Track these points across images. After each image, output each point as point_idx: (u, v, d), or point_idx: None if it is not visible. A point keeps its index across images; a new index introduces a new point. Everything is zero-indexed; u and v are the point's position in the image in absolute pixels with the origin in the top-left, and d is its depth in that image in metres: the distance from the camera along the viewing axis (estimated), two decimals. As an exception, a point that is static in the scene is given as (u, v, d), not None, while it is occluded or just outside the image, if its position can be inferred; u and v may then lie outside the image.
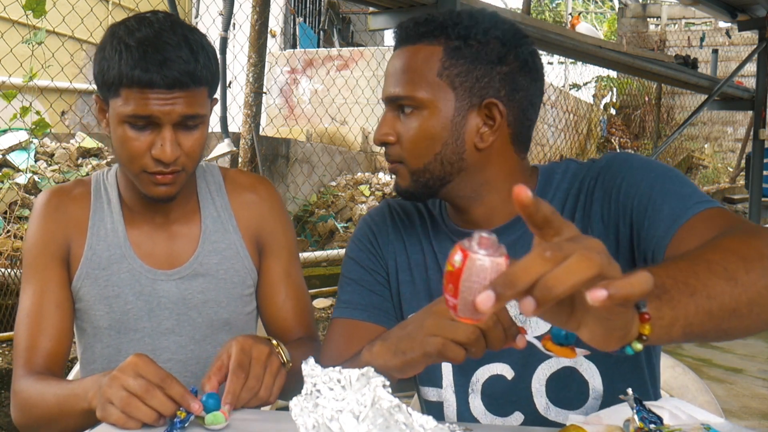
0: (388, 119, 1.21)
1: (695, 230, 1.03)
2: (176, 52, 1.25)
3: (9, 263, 3.52)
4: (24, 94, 4.41)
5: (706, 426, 0.93)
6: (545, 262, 0.64)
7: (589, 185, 1.20)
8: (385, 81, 1.22)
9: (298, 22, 10.52)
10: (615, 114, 13.08)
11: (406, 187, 1.22)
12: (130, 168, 1.32)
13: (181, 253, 1.43)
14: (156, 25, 1.27)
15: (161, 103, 1.25)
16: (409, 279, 1.29)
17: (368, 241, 1.33)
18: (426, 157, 1.19)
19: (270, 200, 1.51)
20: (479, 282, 0.67)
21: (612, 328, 0.71)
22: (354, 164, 7.95)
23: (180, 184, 1.34)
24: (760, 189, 6.69)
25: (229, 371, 1.13)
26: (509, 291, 0.64)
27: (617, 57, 5.42)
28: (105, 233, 1.42)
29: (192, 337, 1.43)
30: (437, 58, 1.17)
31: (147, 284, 1.40)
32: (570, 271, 0.63)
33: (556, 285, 0.63)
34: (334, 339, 1.28)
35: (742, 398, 3.96)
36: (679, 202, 1.08)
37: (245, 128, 4.62)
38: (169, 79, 1.24)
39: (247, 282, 1.47)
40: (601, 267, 0.64)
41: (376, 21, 3.79)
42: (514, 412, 1.21)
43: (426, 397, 1.28)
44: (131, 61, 1.24)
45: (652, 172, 1.14)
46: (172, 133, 1.27)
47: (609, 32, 14.83)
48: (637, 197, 1.12)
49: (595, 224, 1.18)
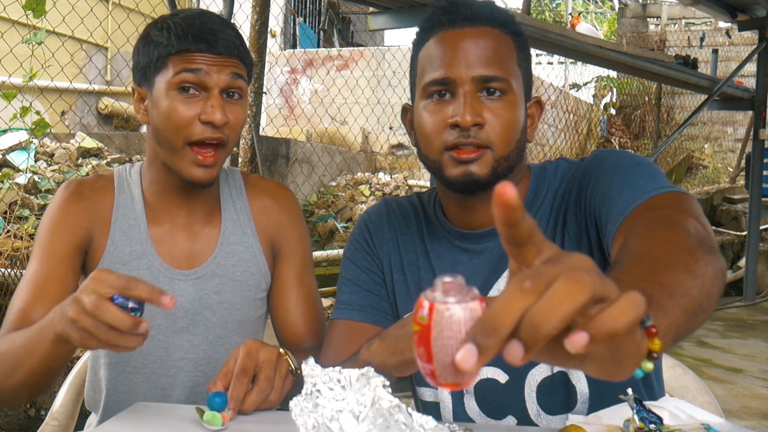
0: (473, 100, 1.13)
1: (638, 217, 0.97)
2: (223, 29, 1.33)
3: (9, 263, 3.51)
4: (24, 94, 4.41)
5: (706, 426, 0.93)
6: (526, 295, 0.52)
7: (573, 185, 1.19)
8: (458, 60, 1.13)
9: (298, 22, 10.52)
10: (615, 114, 13.06)
11: (483, 176, 1.14)
12: (174, 141, 1.32)
13: (200, 253, 1.44)
14: (197, 10, 1.36)
15: (211, 69, 1.30)
16: (402, 278, 1.29)
17: (364, 240, 1.33)
18: (512, 144, 1.16)
19: (288, 207, 1.52)
20: (454, 337, 0.54)
21: (623, 356, 0.58)
22: (354, 164, 7.95)
23: (219, 166, 1.36)
24: (760, 189, 6.68)
25: (233, 377, 1.12)
26: (492, 339, 0.52)
27: (617, 57, 5.42)
28: (128, 228, 1.42)
29: (205, 337, 1.43)
30: (513, 47, 1.17)
31: (165, 282, 1.41)
32: (557, 301, 0.51)
33: (544, 321, 0.51)
34: (334, 340, 1.28)
35: (742, 398, 3.96)
36: (631, 193, 1.02)
37: (245, 128, 4.62)
38: (219, 46, 1.30)
39: (261, 285, 1.48)
40: (593, 288, 0.52)
41: (376, 21, 3.79)
42: (507, 416, 1.21)
43: (422, 398, 1.28)
44: (180, 32, 1.30)
45: (618, 168, 1.10)
46: (220, 99, 1.31)
47: (609, 32, 14.82)
48: (599, 194, 1.09)
49: (570, 225, 1.17)
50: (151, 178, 1.44)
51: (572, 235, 1.16)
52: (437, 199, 1.31)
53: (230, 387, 1.11)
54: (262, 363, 1.14)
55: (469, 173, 1.14)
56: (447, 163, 1.15)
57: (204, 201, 1.45)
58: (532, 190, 1.23)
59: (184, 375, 1.41)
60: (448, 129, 1.14)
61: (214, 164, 1.34)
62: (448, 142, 1.14)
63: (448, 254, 1.26)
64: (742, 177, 9.54)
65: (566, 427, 0.96)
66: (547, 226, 1.20)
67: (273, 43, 9.20)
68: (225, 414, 1.06)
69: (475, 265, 1.23)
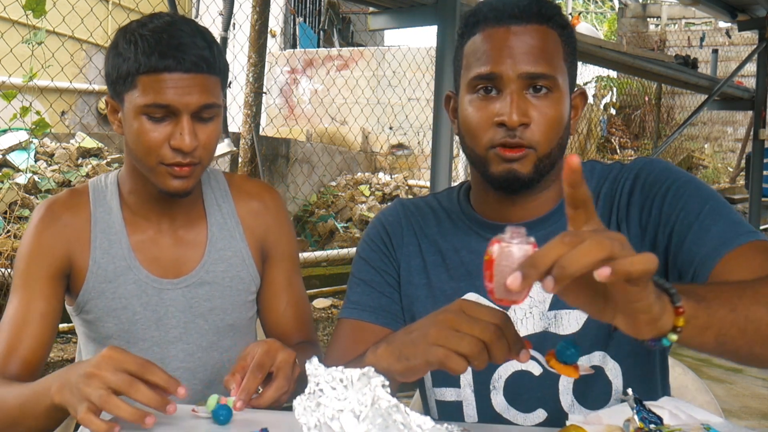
0: (520, 99, 1.13)
1: (742, 259, 1.05)
2: (191, 39, 1.26)
3: (9, 263, 3.51)
4: (24, 94, 4.41)
5: (706, 426, 0.94)
6: (563, 246, 0.72)
7: (624, 187, 1.20)
8: (505, 57, 1.13)
9: (298, 22, 10.52)
10: (615, 114, 13.06)
11: (525, 174, 1.15)
12: (146, 161, 1.30)
13: (187, 260, 1.42)
14: (167, 17, 1.30)
15: (180, 91, 1.25)
16: (424, 282, 1.27)
17: (381, 241, 1.31)
18: (554, 141, 1.16)
19: (275, 209, 1.51)
20: (509, 266, 0.77)
21: (637, 312, 0.77)
22: (354, 164, 7.95)
23: (196, 178, 1.33)
24: (760, 189, 6.68)
25: (248, 370, 1.13)
26: (533, 271, 0.73)
27: (617, 57, 5.42)
28: (108, 245, 1.40)
29: (199, 344, 1.43)
30: (559, 42, 1.17)
31: (154, 294, 1.40)
32: (582, 253, 0.71)
33: (570, 265, 0.71)
34: (341, 339, 1.27)
35: (742, 398, 3.96)
36: (729, 228, 1.09)
37: (245, 128, 4.62)
38: (187, 63, 1.24)
39: (251, 289, 1.47)
40: (611, 250, 0.71)
41: (376, 21, 3.79)
42: (537, 409, 1.21)
43: (442, 398, 1.26)
44: (147, 49, 1.24)
45: (701, 190, 1.15)
46: (191, 122, 1.27)
47: (609, 32, 14.82)
48: (684, 211, 1.13)
49: (632, 228, 1.18)
50: (130, 187, 1.41)
51: (633, 236, 1.17)
52: (462, 195, 1.30)
53: (244, 379, 1.12)
54: (281, 363, 1.15)
55: (512, 171, 1.15)
56: (492, 159, 1.16)
57: (187, 205, 1.42)
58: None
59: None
60: (494, 127, 1.14)
61: (189, 175, 1.31)
62: (494, 140, 1.15)
63: (481, 248, 1.22)
64: (742, 177, 9.55)
65: (566, 427, 0.96)
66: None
67: (273, 43, 9.20)
68: (237, 406, 1.09)
69: None
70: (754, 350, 0.86)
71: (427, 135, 8.05)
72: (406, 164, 8.24)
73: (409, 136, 8.38)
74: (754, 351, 0.87)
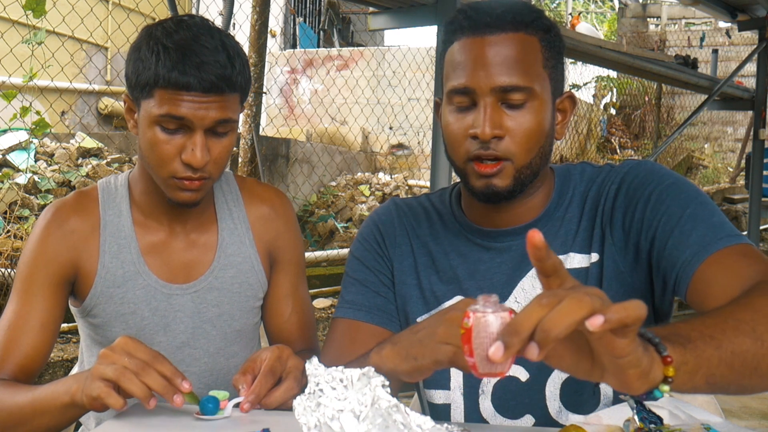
0: (494, 112, 1.12)
1: (723, 263, 1.04)
2: (214, 56, 1.24)
3: (9, 263, 3.52)
4: (24, 94, 4.41)
5: (706, 426, 0.94)
6: (542, 308, 0.69)
7: (609, 191, 1.20)
8: (478, 70, 1.12)
9: (298, 22, 10.52)
10: (615, 114, 13.07)
11: (505, 187, 1.15)
12: (157, 172, 1.30)
13: (196, 264, 1.42)
14: (194, 28, 1.26)
15: (196, 106, 1.24)
16: (414, 282, 1.27)
17: (375, 241, 1.31)
18: (533, 151, 1.15)
19: (285, 215, 1.50)
20: (489, 337, 0.73)
21: (626, 367, 0.73)
22: (354, 164, 7.95)
23: (205, 191, 1.32)
24: (760, 189, 6.68)
25: (259, 373, 1.15)
26: (515, 339, 0.69)
27: (617, 57, 5.41)
28: (117, 249, 1.38)
29: (206, 350, 1.43)
30: (538, 48, 1.15)
31: (162, 299, 1.39)
32: (564, 313, 0.68)
33: (553, 327, 0.68)
34: (336, 339, 1.27)
35: (742, 398, 3.96)
36: (709, 231, 1.08)
37: (245, 128, 4.61)
38: (206, 82, 1.22)
39: (258, 295, 1.47)
40: (591, 306, 0.68)
41: (376, 21, 3.79)
42: (524, 415, 1.21)
43: (432, 400, 1.27)
44: (169, 63, 1.22)
45: (683, 193, 1.14)
46: (204, 138, 1.26)
47: (609, 32, 14.83)
48: (666, 215, 1.12)
49: (616, 232, 1.18)
50: (142, 188, 1.40)
51: (616, 240, 1.17)
52: (453, 198, 1.30)
53: (255, 382, 1.14)
54: (291, 368, 1.17)
55: (490, 185, 1.15)
56: (470, 173, 1.16)
57: (199, 209, 1.41)
58: (557, 191, 1.23)
59: None
60: (469, 139, 1.14)
61: (199, 189, 1.31)
62: (470, 152, 1.14)
63: (469, 252, 1.25)
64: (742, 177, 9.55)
65: (566, 427, 0.96)
66: (578, 227, 1.21)
67: (273, 43, 9.20)
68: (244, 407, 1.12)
69: (498, 264, 1.23)
70: (743, 383, 0.85)
71: (427, 135, 8.05)
72: (406, 164, 8.24)
73: (409, 136, 8.39)
74: (743, 383, 0.85)
